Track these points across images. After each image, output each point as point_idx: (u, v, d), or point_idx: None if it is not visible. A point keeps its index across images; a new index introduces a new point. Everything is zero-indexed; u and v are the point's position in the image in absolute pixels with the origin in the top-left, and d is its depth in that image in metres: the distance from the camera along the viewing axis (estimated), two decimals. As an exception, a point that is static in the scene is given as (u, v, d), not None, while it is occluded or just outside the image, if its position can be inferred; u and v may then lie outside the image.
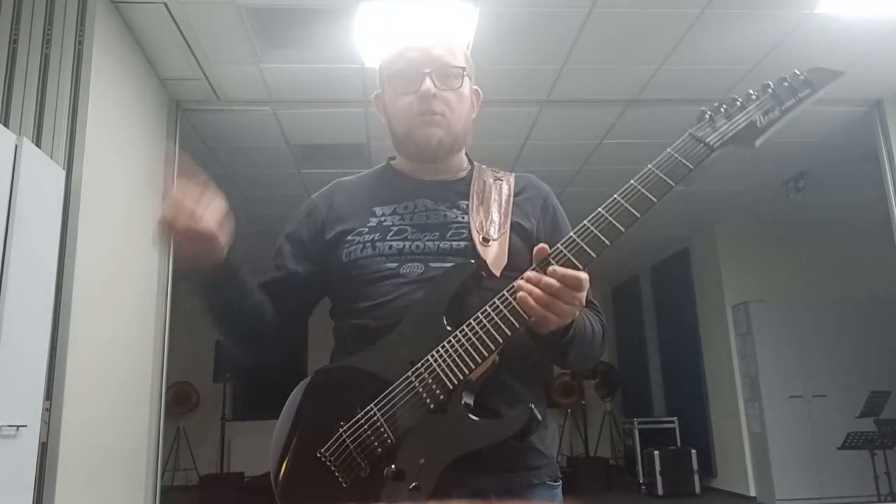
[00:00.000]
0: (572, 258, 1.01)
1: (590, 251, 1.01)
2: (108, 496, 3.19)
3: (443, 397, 1.01)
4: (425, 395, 1.02)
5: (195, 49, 3.66)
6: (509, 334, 1.01)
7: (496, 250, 1.14)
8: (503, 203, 1.21)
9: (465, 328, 1.03)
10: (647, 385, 8.82)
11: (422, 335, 1.06)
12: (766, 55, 3.89)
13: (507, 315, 1.01)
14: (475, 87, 1.30)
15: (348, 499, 1.02)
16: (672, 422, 7.81)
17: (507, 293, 1.02)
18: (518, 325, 1.01)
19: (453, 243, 1.16)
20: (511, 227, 1.18)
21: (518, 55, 3.84)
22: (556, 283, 0.98)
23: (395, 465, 1.00)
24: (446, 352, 1.02)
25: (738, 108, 1.06)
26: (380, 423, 1.03)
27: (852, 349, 6.62)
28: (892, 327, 6.55)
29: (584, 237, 1.01)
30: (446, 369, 1.02)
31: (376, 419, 1.03)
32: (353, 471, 1.03)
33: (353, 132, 4.72)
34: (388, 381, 1.05)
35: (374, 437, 1.03)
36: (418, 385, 1.03)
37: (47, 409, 2.63)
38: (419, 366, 1.03)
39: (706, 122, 1.07)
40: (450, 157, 1.25)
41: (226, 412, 7.89)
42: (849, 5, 3.51)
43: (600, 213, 1.02)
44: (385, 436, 1.02)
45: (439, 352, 1.03)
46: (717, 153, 1.04)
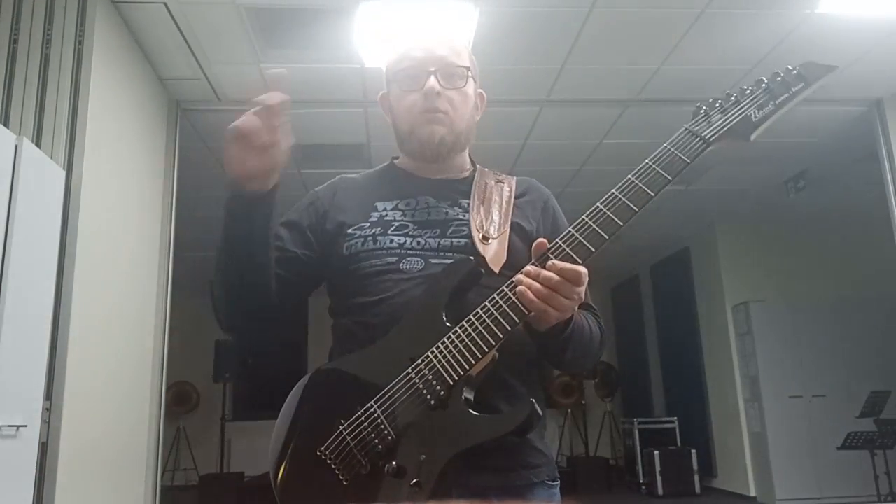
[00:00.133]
0: (571, 252, 1.01)
1: (588, 245, 1.01)
2: (108, 496, 3.19)
3: (443, 393, 1.01)
4: (426, 392, 1.02)
5: (195, 49, 3.66)
6: (509, 329, 1.01)
7: (495, 248, 1.14)
8: (504, 204, 1.22)
9: (465, 324, 1.03)
10: (647, 385, 8.82)
11: (421, 332, 1.06)
12: (766, 55, 3.89)
13: (507, 310, 1.01)
14: (480, 90, 1.31)
15: (348, 497, 1.02)
16: (672, 422, 7.81)
17: (506, 289, 1.02)
18: (517, 321, 1.01)
19: (453, 240, 1.17)
20: (511, 227, 1.19)
21: (518, 55, 3.85)
22: (554, 276, 0.98)
23: (395, 462, 1.00)
24: (446, 348, 1.02)
25: (733, 103, 1.08)
26: (380, 420, 1.03)
27: (852, 349, 6.61)
28: (892, 327, 6.55)
29: (583, 232, 1.02)
30: (447, 365, 1.02)
31: (377, 416, 1.03)
32: (354, 468, 1.03)
33: (353, 132, 4.72)
34: (389, 378, 1.05)
35: (374, 434, 1.02)
36: (418, 381, 1.03)
37: (47, 409, 2.63)
38: (419, 362, 1.03)
39: (701, 117, 1.08)
40: (452, 155, 1.26)
41: (226, 412, 7.89)
42: (849, 5, 3.51)
43: (598, 207, 1.03)
44: (385, 433, 1.02)
45: (439, 348, 1.03)
46: (712, 147, 1.06)
